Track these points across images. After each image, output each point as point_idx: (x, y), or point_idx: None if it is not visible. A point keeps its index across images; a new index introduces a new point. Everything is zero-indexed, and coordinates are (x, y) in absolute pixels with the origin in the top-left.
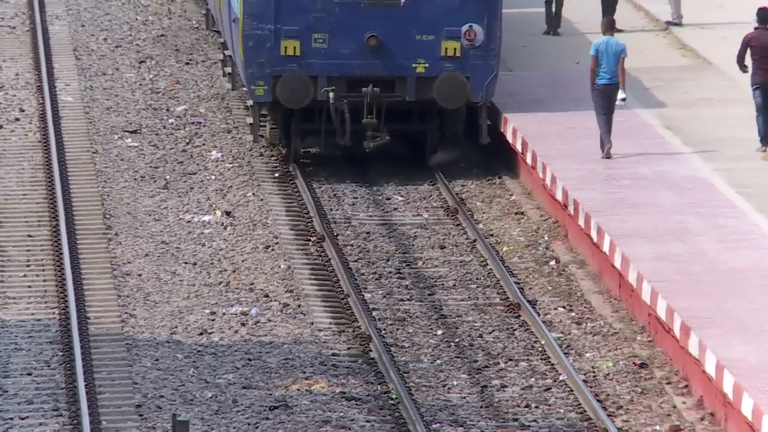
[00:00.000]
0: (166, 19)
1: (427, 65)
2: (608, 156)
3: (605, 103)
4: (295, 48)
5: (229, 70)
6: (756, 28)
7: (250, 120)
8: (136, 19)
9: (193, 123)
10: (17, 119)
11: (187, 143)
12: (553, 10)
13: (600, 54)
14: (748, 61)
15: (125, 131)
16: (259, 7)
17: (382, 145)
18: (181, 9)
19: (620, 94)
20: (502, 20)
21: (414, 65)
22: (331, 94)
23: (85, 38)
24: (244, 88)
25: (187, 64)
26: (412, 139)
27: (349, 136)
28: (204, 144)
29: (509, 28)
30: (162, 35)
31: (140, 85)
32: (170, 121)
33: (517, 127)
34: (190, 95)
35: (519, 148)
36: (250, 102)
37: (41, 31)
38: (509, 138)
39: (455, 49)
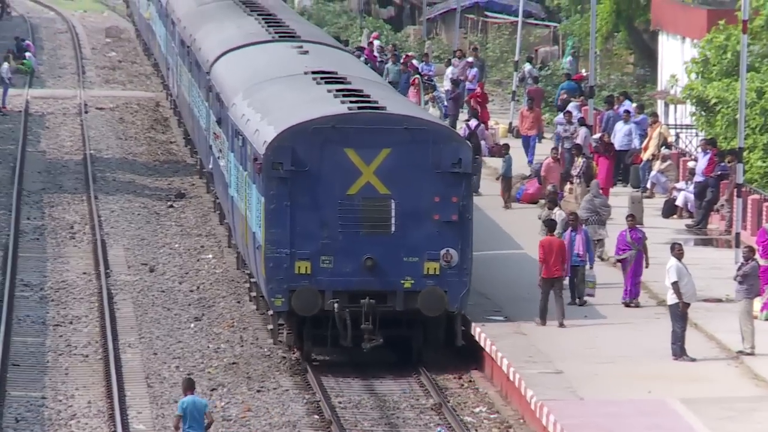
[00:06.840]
0: (238, 346)
1: (413, 281)
2: None
3: None
4: (306, 267)
5: (254, 294)
6: None
7: (270, 326)
8: (208, 346)
9: None
10: None
11: None
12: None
13: (186, 413)
14: None
15: None
16: (278, 236)
17: (376, 347)
18: (253, 337)
19: None
20: (473, 245)
21: (402, 281)
22: (335, 305)
23: (158, 366)
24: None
25: (258, 391)
26: (400, 343)
27: (350, 339)
28: None
29: None
30: (234, 363)
31: (212, 411)
32: None
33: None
34: (261, 423)
35: None
36: (270, 312)
37: (113, 359)
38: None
39: (435, 268)
